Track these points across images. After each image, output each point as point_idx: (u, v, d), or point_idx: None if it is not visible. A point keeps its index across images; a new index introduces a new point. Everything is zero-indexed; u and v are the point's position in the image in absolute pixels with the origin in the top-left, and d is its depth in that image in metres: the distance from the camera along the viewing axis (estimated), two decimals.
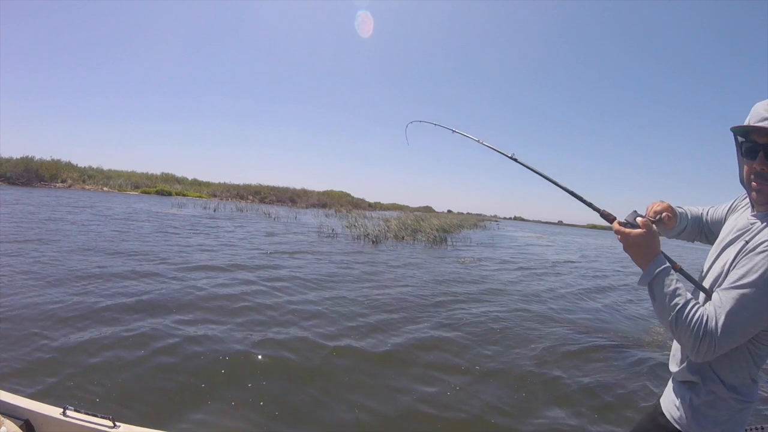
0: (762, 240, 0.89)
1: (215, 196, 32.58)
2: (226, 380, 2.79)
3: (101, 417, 1.47)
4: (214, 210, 20.28)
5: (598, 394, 3.12)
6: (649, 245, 0.95)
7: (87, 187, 26.92)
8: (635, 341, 4.64)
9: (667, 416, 1.06)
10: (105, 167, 32.54)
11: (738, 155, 1.03)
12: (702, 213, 1.28)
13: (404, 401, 2.76)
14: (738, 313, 0.85)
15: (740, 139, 1.01)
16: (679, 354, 1.07)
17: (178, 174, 37.03)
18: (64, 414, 1.47)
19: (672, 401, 1.06)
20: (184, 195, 30.86)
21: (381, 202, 51.46)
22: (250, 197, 34.63)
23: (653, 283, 0.94)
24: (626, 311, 6.27)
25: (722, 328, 0.85)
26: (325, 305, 4.73)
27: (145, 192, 29.36)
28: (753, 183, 0.97)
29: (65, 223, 9.49)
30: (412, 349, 3.64)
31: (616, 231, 0.99)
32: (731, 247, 0.99)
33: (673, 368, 1.09)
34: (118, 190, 28.14)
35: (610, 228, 1.03)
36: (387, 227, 15.40)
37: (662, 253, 0.96)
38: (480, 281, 7.55)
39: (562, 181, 1.20)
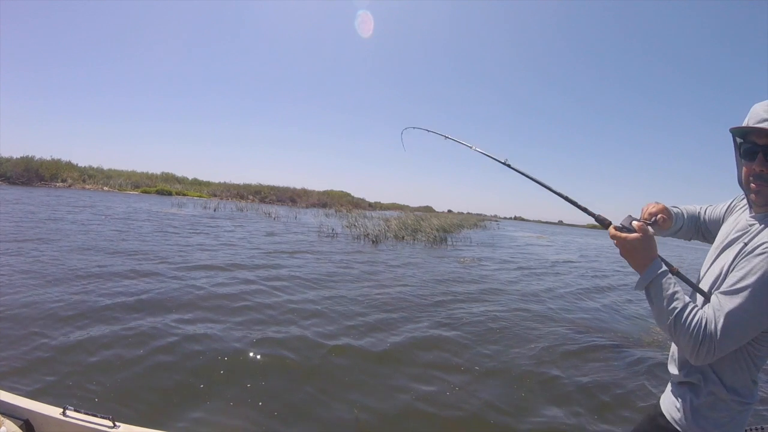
0: (760, 242, 0.88)
1: (215, 196, 32.59)
2: (225, 379, 2.80)
3: (101, 417, 1.47)
4: (214, 210, 20.27)
5: (597, 394, 3.12)
6: (646, 249, 0.94)
7: (87, 187, 26.93)
8: (634, 341, 4.65)
9: (667, 417, 1.06)
10: (105, 167, 32.62)
11: (736, 156, 1.03)
12: (699, 212, 1.27)
13: (403, 400, 2.76)
14: (737, 316, 0.85)
15: (739, 141, 1.00)
16: (678, 355, 1.07)
17: (179, 173, 37.10)
18: (64, 414, 1.47)
19: (672, 402, 1.06)
20: (185, 194, 30.86)
21: (381, 202, 51.40)
22: (251, 197, 34.63)
23: (651, 287, 0.93)
24: (625, 311, 6.27)
25: (721, 331, 0.85)
26: (325, 304, 4.73)
27: (146, 191, 29.35)
28: (752, 184, 0.97)
29: (65, 223, 9.50)
30: (411, 349, 3.64)
31: (612, 236, 0.98)
32: (730, 249, 0.99)
33: (673, 370, 1.09)
34: (119, 190, 28.14)
35: None
36: (387, 227, 15.39)
37: (659, 257, 0.96)
38: (479, 281, 7.55)
39: (558, 187, 1.19)
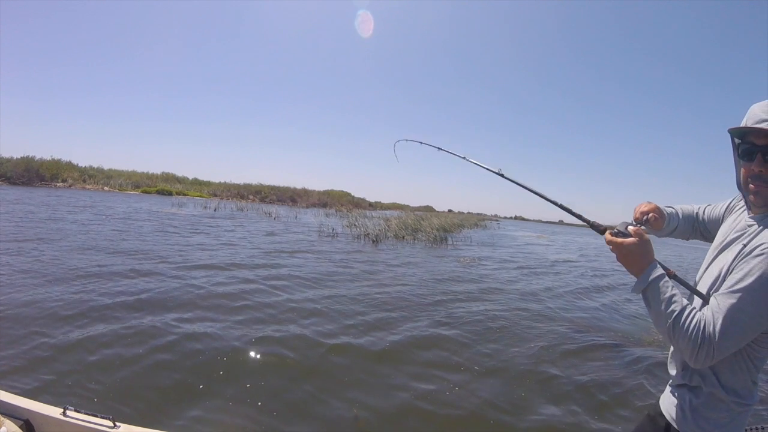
0: (758, 243, 0.88)
1: (216, 196, 32.55)
2: (225, 377, 2.80)
3: (101, 417, 1.47)
4: (215, 209, 20.27)
5: (596, 393, 3.13)
6: (643, 253, 0.94)
7: (87, 187, 26.92)
8: (633, 340, 4.65)
9: (667, 417, 1.06)
10: (105, 167, 32.55)
11: (735, 157, 1.01)
12: (697, 212, 1.26)
13: (402, 398, 2.77)
14: (736, 318, 0.85)
15: (737, 141, 1.00)
16: (678, 357, 1.07)
17: (179, 173, 37.02)
18: (64, 414, 1.47)
19: (671, 403, 1.06)
20: (185, 194, 30.83)
21: (381, 202, 51.35)
22: (251, 197, 34.61)
23: (648, 291, 0.93)
24: (624, 310, 6.27)
25: (720, 333, 0.85)
26: (324, 304, 4.74)
27: (146, 191, 29.34)
28: (750, 185, 0.96)
29: (66, 223, 9.51)
30: (411, 347, 3.65)
31: (609, 241, 0.98)
32: (728, 250, 0.98)
33: (672, 371, 1.09)
34: (119, 190, 28.13)
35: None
36: (387, 227, 15.39)
37: (656, 261, 0.95)
38: (479, 280, 7.56)
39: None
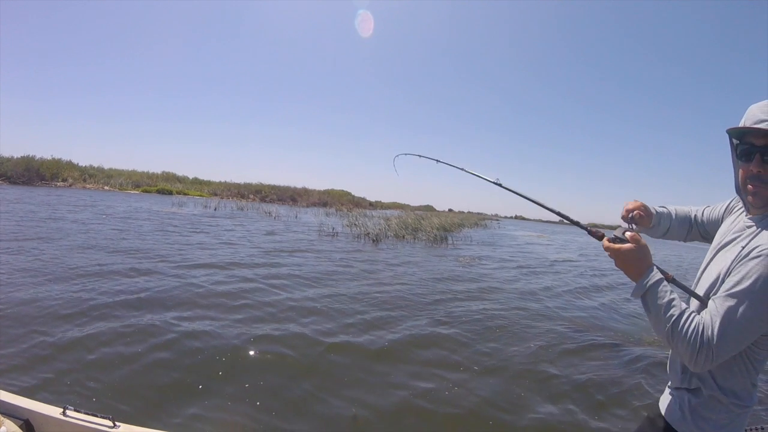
0: (757, 245, 0.88)
1: (216, 195, 32.56)
2: (224, 376, 2.81)
3: (101, 417, 1.47)
4: (215, 209, 20.28)
5: (594, 392, 3.13)
6: (640, 258, 0.94)
7: (88, 186, 26.94)
8: (632, 340, 4.65)
9: (667, 419, 1.06)
10: (106, 166, 32.54)
11: (733, 158, 1.01)
12: (695, 214, 1.26)
13: (401, 397, 2.77)
14: (734, 321, 0.84)
15: (735, 142, 0.99)
16: (677, 359, 1.06)
17: (179, 173, 36.99)
18: (64, 414, 1.47)
19: (671, 405, 1.06)
20: (185, 194, 30.85)
21: (382, 201, 51.28)
22: (251, 196, 34.61)
23: (646, 296, 0.93)
24: (623, 310, 6.27)
25: (719, 337, 0.84)
26: (324, 302, 4.75)
27: (146, 191, 29.36)
28: (749, 186, 0.96)
29: (66, 222, 9.52)
30: (410, 346, 3.66)
31: (606, 248, 0.98)
32: (727, 251, 0.98)
33: (672, 374, 1.08)
34: (119, 189, 28.15)
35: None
36: (387, 226, 15.39)
37: (654, 265, 0.95)
38: (479, 279, 7.56)
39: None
